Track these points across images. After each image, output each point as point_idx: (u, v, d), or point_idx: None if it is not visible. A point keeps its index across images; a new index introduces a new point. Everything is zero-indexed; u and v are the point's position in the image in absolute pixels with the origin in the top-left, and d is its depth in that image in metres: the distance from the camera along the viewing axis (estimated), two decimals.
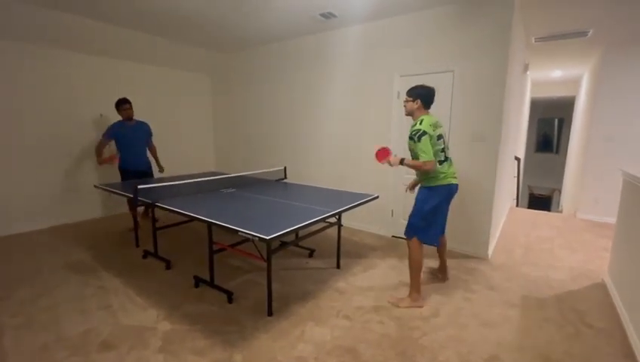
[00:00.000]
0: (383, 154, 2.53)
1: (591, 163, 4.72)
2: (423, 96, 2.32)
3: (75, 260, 3.10)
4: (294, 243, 3.24)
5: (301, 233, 2.95)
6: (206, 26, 4.03)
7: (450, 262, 3.16)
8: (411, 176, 3.70)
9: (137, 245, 3.46)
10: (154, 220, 3.08)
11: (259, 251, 2.24)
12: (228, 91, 5.67)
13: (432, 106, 3.51)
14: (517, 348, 1.93)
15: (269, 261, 2.17)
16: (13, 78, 3.75)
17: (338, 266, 2.99)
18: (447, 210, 2.48)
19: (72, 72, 4.20)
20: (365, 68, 3.92)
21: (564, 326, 2.14)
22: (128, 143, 3.89)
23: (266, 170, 4.14)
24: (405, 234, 2.46)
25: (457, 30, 3.23)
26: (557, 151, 10.29)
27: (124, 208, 4.38)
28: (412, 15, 3.49)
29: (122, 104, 3.81)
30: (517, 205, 6.73)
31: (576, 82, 7.04)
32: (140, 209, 4.16)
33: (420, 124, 2.23)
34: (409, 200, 3.72)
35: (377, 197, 3.03)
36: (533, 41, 4.26)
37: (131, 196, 2.80)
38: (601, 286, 2.72)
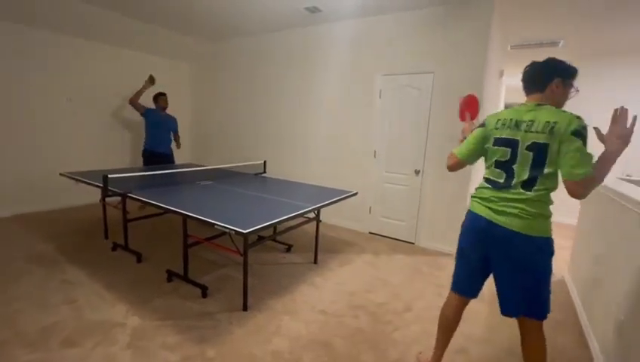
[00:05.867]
0: (471, 104, 1.92)
1: None
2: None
3: (37, 252, 2.92)
4: (272, 238, 3.22)
5: (279, 228, 2.93)
6: (187, 12, 3.89)
7: (424, 259, 3.25)
8: (392, 174, 3.78)
9: (106, 237, 3.31)
10: (124, 212, 2.95)
11: (235, 245, 2.20)
12: (208, 81, 5.50)
13: (409, 106, 3.40)
14: (484, 341, 2.02)
15: (245, 255, 2.14)
16: None
17: (315, 261, 3.00)
18: (483, 259, 1.51)
19: (43, 52, 3.93)
20: (349, 65, 3.93)
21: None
22: (156, 128, 4.34)
23: (244, 164, 4.07)
24: None
25: (439, 33, 3.30)
26: None
27: (95, 197, 4.17)
28: (396, 15, 3.52)
29: (161, 95, 4.42)
30: None
31: None
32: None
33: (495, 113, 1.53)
34: (388, 198, 3.80)
35: (356, 193, 3.05)
36: (509, 48, 4.43)
37: (100, 186, 2.66)
38: (562, 283, 2.90)
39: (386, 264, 3.09)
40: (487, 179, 1.51)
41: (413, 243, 3.65)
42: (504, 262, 1.43)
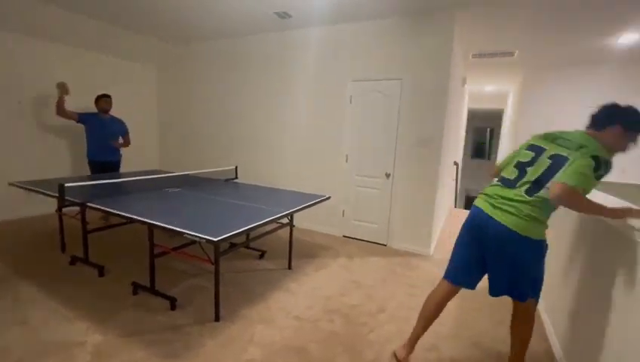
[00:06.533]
0: None
1: None
2: None
3: None
4: (245, 245, 3.16)
5: (252, 234, 2.87)
6: (155, 13, 3.75)
7: (396, 260, 3.33)
8: (364, 177, 3.84)
9: (63, 250, 3.08)
10: (84, 222, 2.77)
11: (206, 254, 2.13)
12: (178, 84, 5.33)
13: (378, 111, 3.47)
14: (453, 336, 2.10)
15: (216, 264, 2.08)
16: None
17: (289, 267, 2.98)
18: (478, 251, 1.62)
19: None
20: (322, 71, 3.97)
21: (492, 315, 2.39)
22: (98, 134, 3.92)
23: (215, 170, 3.97)
24: None
25: (406, 41, 3.43)
26: (488, 158, 11.44)
27: (50, 207, 3.87)
28: (365, 23, 3.62)
29: (103, 97, 3.97)
30: (455, 206, 7.34)
31: (504, 97, 7.91)
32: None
33: None
34: (360, 201, 3.86)
35: (329, 198, 3.08)
36: (471, 57, 4.69)
37: (55, 196, 2.48)
38: None
39: (360, 267, 3.13)
40: (501, 178, 1.63)
41: (385, 245, 3.73)
42: (495, 253, 1.55)
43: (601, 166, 1.34)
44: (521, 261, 1.50)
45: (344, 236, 3.98)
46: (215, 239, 1.73)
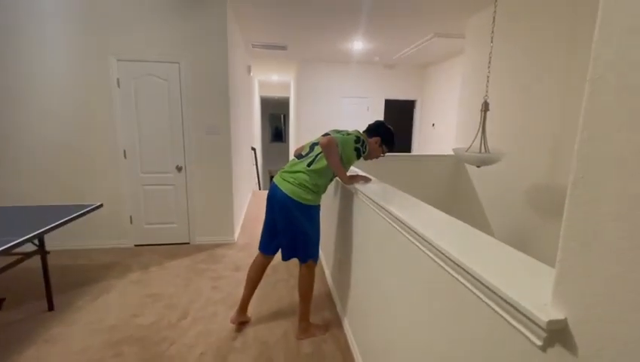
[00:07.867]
0: None
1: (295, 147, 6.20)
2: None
3: None
4: None
5: None
6: None
7: (200, 256, 3.16)
8: (152, 174, 3.34)
9: None
10: None
11: None
12: None
13: (158, 98, 3.20)
14: (256, 315, 2.22)
15: None
16: None
17: (51, 308, 2.22)
18: (272, 219, 1.92)
19: None
20: (72, 44, 3.02)
21: (288, 281, 2.70)
22: None
23: None
24: None
25: (179, 20, 3.11)
26: (285, 140, 12.86)
27: None
28: None
29: None
30: (260, 188, 7.82)
31: (288, 85, 8.96)
32: None
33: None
34: (151, 202, 3.37)
35: (101, 205, 2.49)
36: (251, 46, 4.91)
37: None
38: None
39: (159, 276, 2.76)
40: (298, 154, 1.93)
41: (188, 243, 3.47)
42: (279, 217, 1.83)
43: (360, 142, 1.83)
44: (298, 224, 1.81)
45: (136, 245, 3.39)
46: None
